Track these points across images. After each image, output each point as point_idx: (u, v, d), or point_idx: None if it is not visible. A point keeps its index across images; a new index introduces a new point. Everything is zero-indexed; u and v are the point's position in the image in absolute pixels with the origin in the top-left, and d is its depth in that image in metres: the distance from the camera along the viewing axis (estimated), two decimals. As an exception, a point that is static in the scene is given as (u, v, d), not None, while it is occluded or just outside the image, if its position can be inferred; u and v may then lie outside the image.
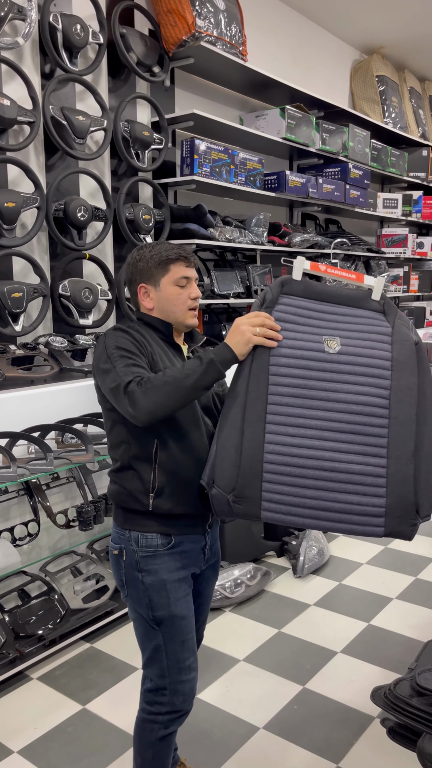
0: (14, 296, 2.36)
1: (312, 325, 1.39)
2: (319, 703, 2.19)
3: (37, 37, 2.51)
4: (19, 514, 2.57)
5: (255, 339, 1.34)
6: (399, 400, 1.32)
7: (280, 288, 1.43)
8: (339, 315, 1.41)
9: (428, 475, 1.34)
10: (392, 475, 1.30)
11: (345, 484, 1.30)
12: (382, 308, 1.42)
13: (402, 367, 1.35)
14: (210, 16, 2.96)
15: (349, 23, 4.18)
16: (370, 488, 1.30)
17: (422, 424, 1.34)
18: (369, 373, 1.33)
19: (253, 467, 1.33)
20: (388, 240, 4.74)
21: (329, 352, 1.36)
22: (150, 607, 1.47)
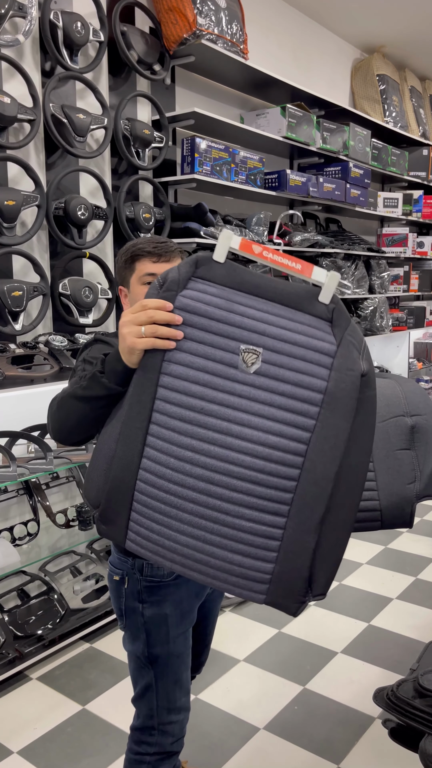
0: (14, 295, 2.35)
1: (229, 323, 1.02)
2: (320, 703, 2.18)
3: (37, 34, 2.50)
4: (18, 514, 2.56)
5: (140, 344, 1.01)
6: (319, 449, 1.00)
7: (193, 268, 1.04)
8: (270, 316, 1.03)
9: (334, 549, 1.05)
10: (288, 541, 1.02)
11: (227, 540, 1.02)
12: (330, 315, 1.03)
13: (335, 405, 1.00)
14: (211, 14, 2.95)
15: (350, 22, 4.18)
16: (258, 550, 1.02)
17: (340, 484, 1.03)
18: (290, 407, 1.00)
19: (121, 490, 1.07)
20: (389, 239, 4.73)
21: (244, 369, 1.01)
22: (146, 643, 1.35)
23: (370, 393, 1.03)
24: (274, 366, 1.01)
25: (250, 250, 1.04)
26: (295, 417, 1.00)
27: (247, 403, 1.01)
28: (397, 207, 4.58)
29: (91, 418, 1.16)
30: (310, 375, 1.00)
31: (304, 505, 1.00)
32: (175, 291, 1.03)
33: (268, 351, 1.01)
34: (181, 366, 1.02)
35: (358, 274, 4.17)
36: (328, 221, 4.43)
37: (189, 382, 1.02)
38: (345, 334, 1.02)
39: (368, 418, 1.04)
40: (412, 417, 1.33)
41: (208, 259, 1.05)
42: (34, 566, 2.66)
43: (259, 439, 1.00)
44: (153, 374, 1.03)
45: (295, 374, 1.00)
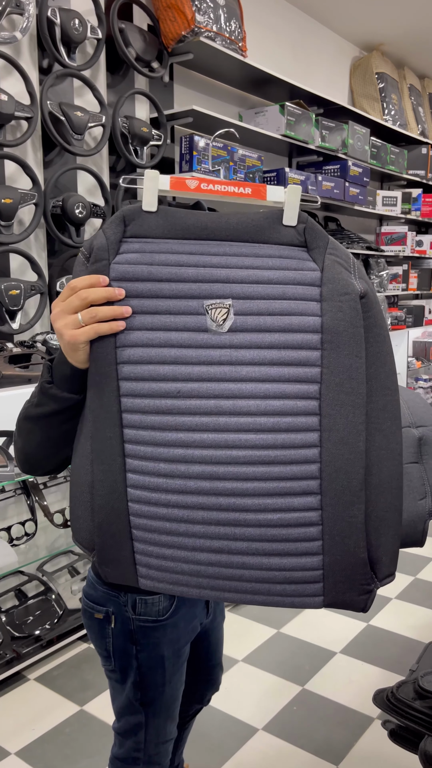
0: (11, 293, 2.34)
1: (183, 280, 0.83)
2: (319, 704, 2.17)
3: (35, 31, 2.48)
4: (16, 514, 2.56)
5: (81, 335, 0.83)
6: (335, 400, 0.81)
7: (122, 227, 0.85)
8: (231, 258, 0.83)
9: (388, 514, 0.86)
10: (330, 522, 0.82)
11: (257, 543, 0.83)
12: (302, 238, 0.84)
13: (338, 341, 0.81)
14: (209, 11, 2.94)
15: (349, 20, 4.16)
16: (297, 544, 0.83)
17: (374, 434, 0.84)
18: (284, 360, 0.81)
19: (113, 521, 0.87)
20: (388, 238, 4.72)
21: (215, 330, 0.82)
22: (140, 687, 1.17)
23: (375, 314, 0.85)
24: (251, 315, 0.82)
25: (185, 186, 0.85)
26: (294, 370, 0.81)
27: (231, 369, 0.81)
28: (396, 205, 4.57)
29: (55, 439, 0.96)
30: (298, 314, 0.82)
31: (337, 472, 0.81)
32: (107, 259, 0.84)
33: (239, 300, 0.82)
34: (140, 348, 0.83)
35: (357, 272, 4.16)
36: (327, 220, 4.42)
37: (154, 365, 0.83)
38: (326, 253, 0.84)
39: (382, 346, 0.85)
40: (418, 428, 1.23)
41: (138, 211, 0.85)
42: (32, 566, 2.65)
43: (259, 409, 0.81)
44: (108, 368, 0.84)
45: (278, 318, 0.81)
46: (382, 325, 0.86)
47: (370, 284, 0.85)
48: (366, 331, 0.84)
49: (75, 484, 0.92)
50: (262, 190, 0.86)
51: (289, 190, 0.84)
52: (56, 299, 0.88)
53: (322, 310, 0.82)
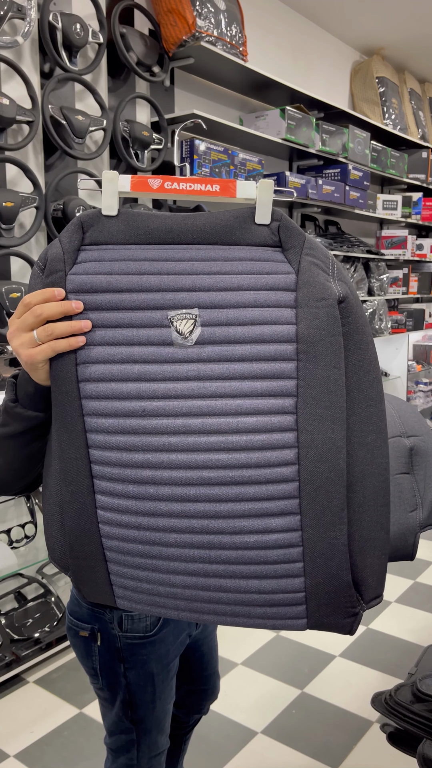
0: (12, 296, 2.35)
1: (145, 289, 0.76)
2: (318, 707, 2.17)
3: (36, 36, 2.49)
4: (15, 516, 2.56)
5: (38, 354, 0.77)
6: (313, 414, 0.75)
7: (79, 234, 0.79)
8: (198, 263, 0.77)
9: (373, 533, 0.80)
10: (311, 543, 0.77)
11: (234, 566, 0.78)
12: (276, 237, 0.77)
13: (315, 351, 0.75)
14: (210, 16, 2.95)
15: (350, 24, 4.18)
16: (277, 567, 0.78)
17: (357, 448, 0.79)
18: (256, 373, 0.75)
19: (84, 542, 0.83)
20: (388, 242, 4.73)
21: (181, 343, 0.76)
22: (130, 706, 1.13)
23: (357, 318, 0.78)
24: (220, 326, 0.75)
25: (147, 186, 0.79)
26: (267, 383, 0.75)
27: (200, 384, 0.76)
28: (397, 209, 4.58)
29: (22, 459, 0.91)
30: (270, 323, 0.75)
31: (316, 491, 0.76)
32: (63, 270, 0.78)
33: (207, 309, 0.76)
34: (101, 364, 0.78)
35: (357, 276, 4.17)
36: (328, 223, 4.43)
37: (117, 382, 0.77)
38: (302, 255, 0.76)
39: (365, 353, 0.79)
40: (409, 438, 1.18)
41: (97, 216, 0.79)
42: (32, 569, 2.66)
43: (230, 426, 0.75)
44: (70, 386, 0.78)
45: (249, 328, 0.75)
46: (365, 331, 0.80)
47: (351, 286, 0.79)
48: (346, 338, 0.78)
49: (47, 504, 0.88)
50: (231, 187, 0.78)
51: (260, 185, 0.77)
52: (12, 316, 0.81)
53: (297, 318, 0.75)
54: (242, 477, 0.76)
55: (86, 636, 1.10)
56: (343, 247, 4.03)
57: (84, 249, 0.79)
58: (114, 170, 0.80)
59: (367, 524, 0.80)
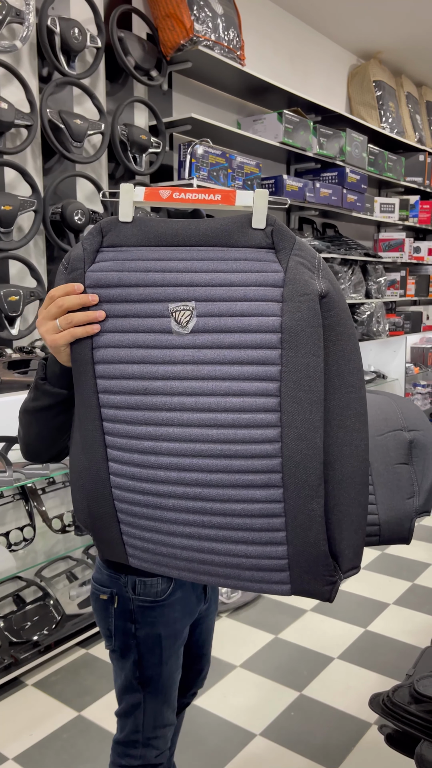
0: (11, 300, 2.35)
1: (150, 285, 0.87)
2: (316, 709, 2.17)
3: (34, 40, 2.50)
4: (14, 519, 2.56)
5: (60, 339, 0.91)
6: (293, 397, 0.83)
7: (99, 238, 0.91)
8: (197, 263, 0.87)
9: (350, 508, 0.88)
10: (292, 514, 0.86)
11: (224, 531, 0.88)
12: (269, 240, 0.86)
13: (297, 341, 0.83)
14: (208, 20, 2.96)
15: (347, 28, 4.20)
16: (261, 534, 0.87)
17: (336, 430, 0.86)
18: (243, 359, 0.84)
19: (100, 504, 0.96)
20: (385, 244, 4.74)
21: (179, 331, 0.86)
22: (138, 665, 1.24)
23: (339, 312, 0.86)
24: (213, 317, 0.85)
25: (158, 197, 0.91)
26: (253, 368, 0.83)
27: (194, 368, 0.86)
28: (394, 212, 4.59)
29: (51, 430, 1.06)
30: (258, 315, 0.84)
31: (296, 466, 0.84)
32: (82, 268, 0.90)
33: (202, 302, 0.86)
34: (111, 348, 0.89)
35: (354, 279, 4.18)
36: (325, 226, 4.44)
37: (124, 364, 0.89)
38: (292, 255, 0.85)
39: (346, 343, 0.86)
40: (410, 432, 1.29)
41: (114, 222, 0.91)
42: (30, 572, 2.66)
43: (219, 405, 0.84)
44: (86, 367, 0.91)
45: (239, 319, 0.84)
46: (347, 323, 0.87)
47: (334, 284, 0.87)
48: (329, 329, 0.86)
49: (72, 471, 1.01)
50: (231, 196, 0.89)
51: (256, 194, 0.86)
52: (40, 307, 0.95)
53: (282, 311, 0.84)
54: (230, 451, 0.85)
55: (105, 599, 1.23)
56: (341, 250, 4.04)
57: (102, 250, 0.91)
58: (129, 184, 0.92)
59: (345, 500, 0.88)
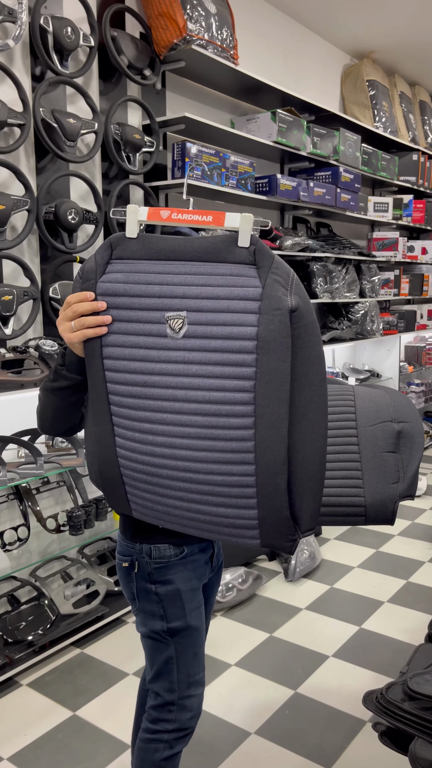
0: (4, 299, 2.35)
1: (150, 296, 1.05)
2: (311, 707, 2.18)
3: (27, 39, 2.50)
4: (8, 519, 2.55)
5: (74, 338, 1.11)
6: (264, 394, 1.00)
7: (109, 251, 1.10)
8: (189, 277, 1.04)
9: (309, 483, 1.08)
10: (261, 486, 1.05)
11: (207, 496, 1.08)
12: (252, 257, 1.02)
13: (269, 348, 0.99)
14: (201, 19, 2.96)
15: (340, 28, 4.20)
16: (237, 500, 1.07)
17: (300, 420, 1.04)
18: (225, 361, 1.01)
19: (109, 468, 1.18)
20: (379, 243, 4.75)
21: (172, 336, 1.04)
22: (165, 618, 1.39)
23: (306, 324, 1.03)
24: (201, 325, 1.03)
25: (159, 216, 1.07)
26: (233, 369, 1.01)
27: (184, 366, 1.04)
28: (388, 211, 4.60)
29: (65, 408, 1.26)
30: (238, 325, 1.01)
31: (266, 449, 1.03)
32: (94, 279, 1.10)
33: (193, 312, 1.03)
34: (117, 347, 1.08)
35: (348, 278, 4.19)
36: (319, 225, 4.45)
37: (127, 360, 1.08)
38: (269, 273, 1.01)
39: (311, 350, 1.04)
40: (399, 423, 1.42)
41: (122, 238, 1.09)
42: (25, 571, 2.65)
43: (204, 398, 1.03)
44: (97, 360, 1.11)
45: (222, 328, 1.01)
46: (312, 332, 1.05)
47: (304, 298, 1.03)
48: (297, 338, 1.02)
49: (86, 440, 1.23)
50: (221, 218, 1.04)
51: (242, 218, 1.01)
52: (61, 309, 1.14)
53: (258, 322, 1.00)
54: (213, 434, 1.04)
55: (127, 566, 1.40)
56: (335, 249, 4.04)
57: (112, 262, 1.10)
58: (135, 205, 1.09)
59: (306, 476, 1.07)
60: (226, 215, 1.03)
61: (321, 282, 3.94)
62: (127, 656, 2.47)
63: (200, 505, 1.09)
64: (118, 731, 2.06)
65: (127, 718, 2.10)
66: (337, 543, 3.56)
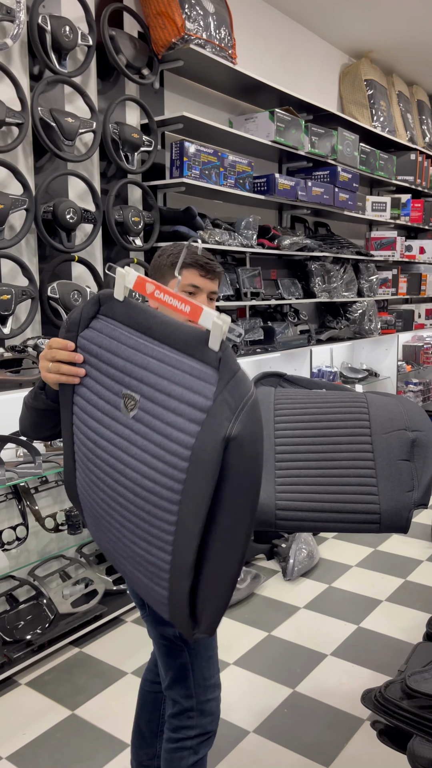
0: (2, 298, 2.35)
1: (114, 367, 1.06)
2: (310, 706, 2.18)
3: (25, 38, 2.49)
4: (7, 518, 2.55)
5: (49, 378, 1.15)
6: (186, 504, 0.96)
7: (96, 307, 1.13)
8: (152, 362, 1.02)
9: (212, 596, 1.02)
10: (173, 577, 1.02)
11: (132, 557, 1.09)
12: (217, 364, 0.95)
13: (198, 465, 0.93)
14: (199, 19, 2.96)
15: (338, 27, 4.21)
16: (152, 575, 1.05)
17: (215, 540, 0.98)
18: (161, 458, 0.98)
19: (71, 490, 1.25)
20: (377, 243, 4.76)
21: (124, 413, 1.04)
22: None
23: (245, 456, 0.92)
24: (148, 415, 1.00)
25: (143, 289, 1.06)
26: (165, 467, 0.97)
27: (127, 444, 1.03)
28: (386, 211, 4.61)
29: (43, 422, 1.31)
30: (179, 430, 0.95)
31: (179, 549, 0.98)
32: (75, 332, 1.14)
33: (145, 399, 1.01)
34: (83, 400, 1.12)
35: (346, 277, 4.20)
36: (317, 225, 4.45)
37: (87, 416, 1.11)
38: (223, 390, 0.92)
39: (245, 481, 0.94)
40: (413, 432, 1.41)
41: (110, 296, 1.11)
42: (23, 571, 2.65)
43: (137, 481, 1.01)
44: (68, 402, 1.16)
45: (165, 427, 0.97)
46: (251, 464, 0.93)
47: (251, 427, 0.92)
48: (231, 467, 0.92)
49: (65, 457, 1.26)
50: (197, 312, 0.97)
51: (216, 321, 0.93)
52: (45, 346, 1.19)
53: (196, 435, 0.94)
54: (140, 514, 1.02)
55: None
56: (333, 249, 4.05)
57: (97, 318, 1.13)
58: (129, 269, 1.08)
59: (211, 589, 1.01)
60: (203, 311, 0.95)
61: (319, 281, 3.95)
62: (126, 655, 2.47)
63: (125, 561, 1.11)
64: (116, 730, 2.07)
65: (126, 717, 2.10)
66: (335, 542, 3.57)
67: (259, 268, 3.57)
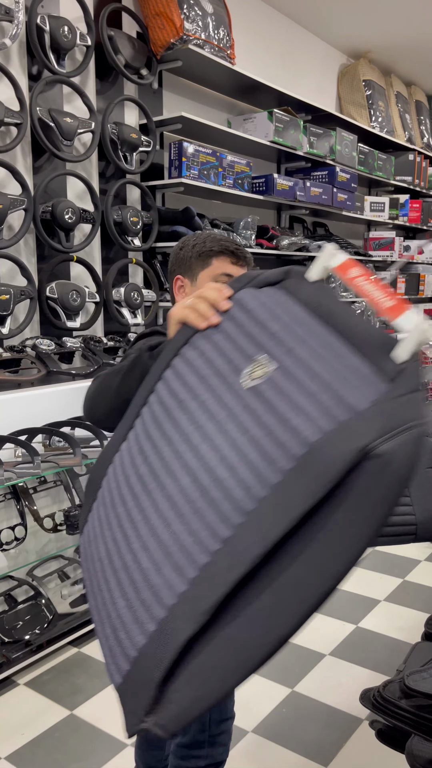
0: (1, 298, 2.35)
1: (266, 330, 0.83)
2: (308, 705, 2.18)
3: (24, 38, 2.50)
4: (5, 518, 2.55)
5: (177, 314, 0.94)
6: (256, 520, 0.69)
7: (281, 278, 0.91)
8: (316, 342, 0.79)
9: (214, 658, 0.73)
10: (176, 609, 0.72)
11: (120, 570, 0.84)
12: (393, 376, 0.73)
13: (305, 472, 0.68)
14: (198, 19, 2.96)
15: (337, 28, 4.21)
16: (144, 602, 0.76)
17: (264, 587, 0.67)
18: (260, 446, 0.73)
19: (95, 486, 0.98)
20: (375, 243, 4.76)
21: (244, 380, 0.80)
22: None
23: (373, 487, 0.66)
24: (273, 390, 0.76)
25: (346, 273, 0.85)
26: (259, 461, 0.72)
27: (225, 416, 0.79)
28: (384, 211, 4.61)
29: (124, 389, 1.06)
30: (306, 418, 0.71)
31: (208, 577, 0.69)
32: (244, 284, 0.92)
33: (281, 372, 0.77)
34: (196, 351, 0.89)
35: (345, 277, 4.20)
36: (316, 225, 4.45)
37: (189, 371, 0.87)
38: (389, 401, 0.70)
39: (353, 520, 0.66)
40: None
41: (300, 273, 0.90)
42: (22, 571, 2.65)
43: (208, 464, 0.76)
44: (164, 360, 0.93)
45: (289, 410, 0.73)
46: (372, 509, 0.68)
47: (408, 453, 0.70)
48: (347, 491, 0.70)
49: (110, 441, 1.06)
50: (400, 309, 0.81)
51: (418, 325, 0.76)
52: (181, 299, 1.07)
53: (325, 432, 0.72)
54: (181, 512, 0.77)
55: None
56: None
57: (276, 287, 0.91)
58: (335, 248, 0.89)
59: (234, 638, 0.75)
60: (407, 310, 0.78)
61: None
62: (125, 655, 2.47)
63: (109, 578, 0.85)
64: (115, 730, 2.06)
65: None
66: (333, 542, 3.57)
67: (257, 268, 3.57)
